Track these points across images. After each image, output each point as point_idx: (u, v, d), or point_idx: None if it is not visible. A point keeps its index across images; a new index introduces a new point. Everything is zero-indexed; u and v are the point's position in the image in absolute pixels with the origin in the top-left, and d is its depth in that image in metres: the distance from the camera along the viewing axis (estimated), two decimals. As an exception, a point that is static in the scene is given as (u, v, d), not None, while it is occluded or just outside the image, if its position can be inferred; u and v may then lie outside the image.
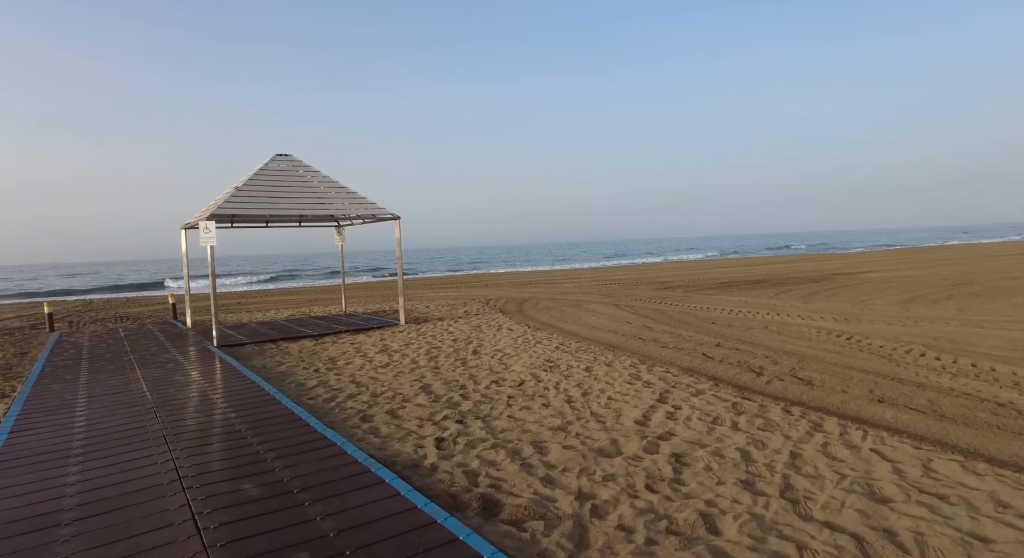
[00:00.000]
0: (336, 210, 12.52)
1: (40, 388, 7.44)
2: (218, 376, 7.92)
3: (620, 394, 6.25)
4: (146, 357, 9.72)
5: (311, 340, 11.35)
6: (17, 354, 10.74)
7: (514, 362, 8.24)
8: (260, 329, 12.85)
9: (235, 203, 11.41)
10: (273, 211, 11.85)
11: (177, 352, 10.16)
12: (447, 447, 4.88)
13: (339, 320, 13.91)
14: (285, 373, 8.23)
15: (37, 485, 4.24)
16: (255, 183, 12.10)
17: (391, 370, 8.10)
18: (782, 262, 38.29)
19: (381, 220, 13.38)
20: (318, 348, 10.35)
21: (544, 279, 30.64)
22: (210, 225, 10.63)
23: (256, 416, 5.85)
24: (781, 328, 10.50)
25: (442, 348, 9.69)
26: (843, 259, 38.49)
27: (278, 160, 12.95)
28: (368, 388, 7.11)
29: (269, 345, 10.91)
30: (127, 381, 7.77)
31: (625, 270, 37.84)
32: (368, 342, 10.72)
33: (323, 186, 12.84)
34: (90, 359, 9.65)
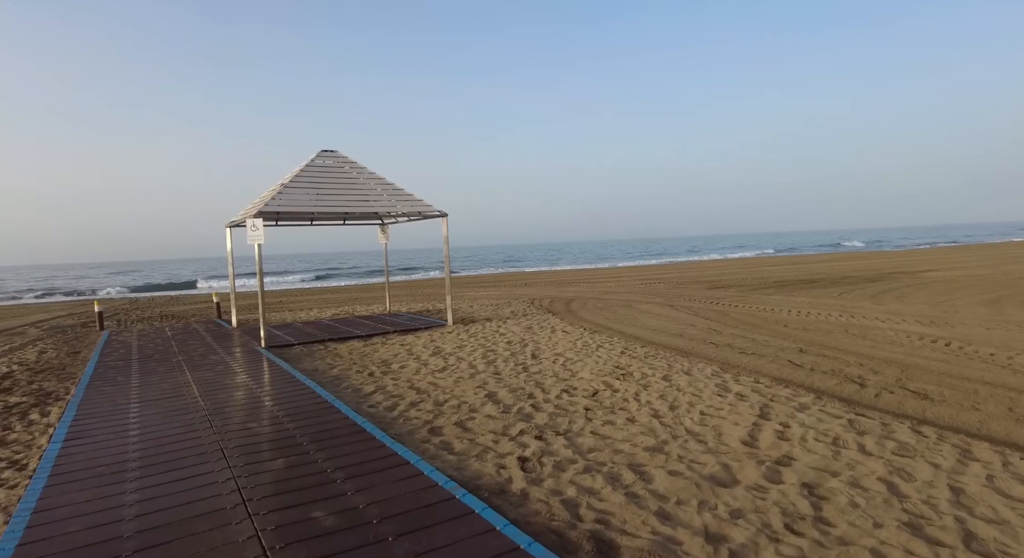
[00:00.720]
0: (382, 207, 12.13)
1: (93, 391, 7.20)
2: (270, 380, 7.56)
3: (713, 408, 5.62)
4: (194, 358, 9.47)
5: (359, 341, 10.99)
6: (70, 353, 10.66)
7: (580, 368, 7.66)
8: (306, 329, 12.57)
9: (281, 200, 11.12)
10: (319, 208, 11.52)
11: (225, 353, 9.90)
12: (533, 468, 4.34)
13: (385, 320, 13.56)
14: (339, 377, 7.83)
15: (93, 506, 3.86)
16: (301, 180, 11.80)
17: (450, 375, 7.62)
18: (831, 260, 36.69)
19: (427, 217, 12.95)
20: (368, 349, 9.96)
21: (584, 278, 29.94)
22: (257, 223, 10.35)
23: (317, 426, 5.42)
24: (863, 332, 9.65)
25: (497, 351, 9.18)
26: (895, 257, 36.67)
27: (324, 156, 12.64)
28: (430, 395, 6.63)
29: (317, 346, 10.58)
30: (178, 384, 7.47)
31: (666, 269, 36.81)
32: (418, 344, 10.29)
33: (369, 182, 12.48)
34: (140, 359, 9.46)
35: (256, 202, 12.62)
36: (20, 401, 7.03)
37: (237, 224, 12.94)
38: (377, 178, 12.65)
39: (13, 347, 11.93)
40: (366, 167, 12.78)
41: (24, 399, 7.11)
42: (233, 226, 13.32)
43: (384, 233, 15.25)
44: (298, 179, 11.77)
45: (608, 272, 35.98)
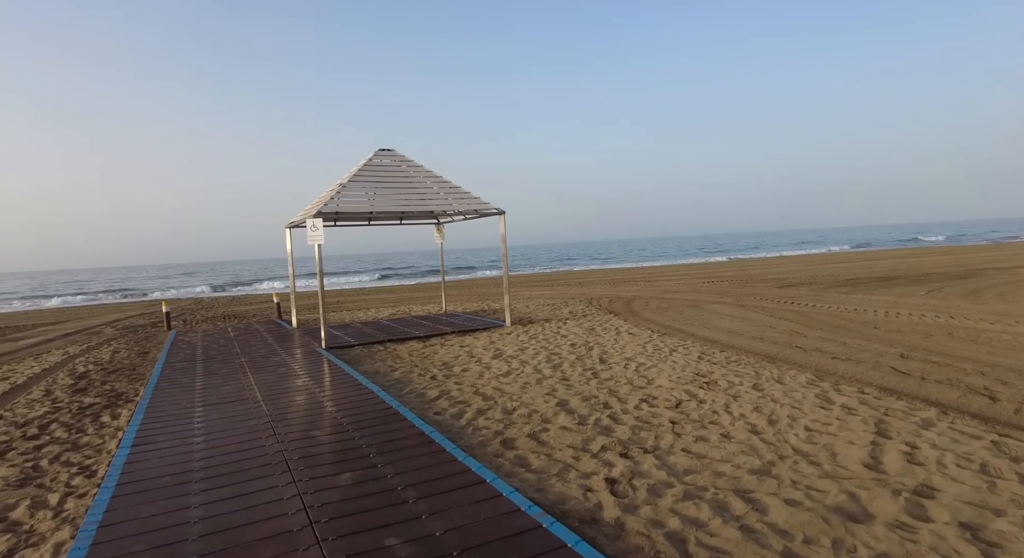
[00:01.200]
0: (439, 205, 11.87)
1: (159, 393, 7.18)
2: (332, 383, 7.36)
3: (820, 423, 4.98)
4: (256, 359, 9.45)
5: (418, 342, 10.76)
6: (140, 353, 10.89)
7: (656, 375, 7.10)
8: (365, 330, 12.47)
9: (340, 201, 11.01)
10: (376, 208, 11.36)
11: (286, 354, 9.85)
12: (625, 492, 3.86)
13: (441, 320, 13.33)
14: (401, 380, 7.56)
15: (158, 522, 3.64)
16: (359, 180, 11.68)
17: (515, 380, 7.21)
18: (907, 256, 34.31)
19: (485, 215, 12.61)
20: (427, 351, 9.70)
21: (639, 276, 29.05)
22: (317, 223, 10.26)
23: (383, 436, 5.11)
24: (972, 335, 8.65)
25: (562, 354, 8.71)
26: (980, 252, 33.92)
27: (381, 155, 12.50)
28: (496, 402, 6.24)
29: (377, 347, 10.42)
30: (240, 387, 7.38)
31: (727, 266, 35.36)
32: (478, 345, 9.95)
33: (426, 181, 12.25)
34: (204, 360, 9.51)
35: (315, 203, 12.61)
36: (94, 402, 7.08)
37: (297, 225, 12.98)
38: (434, 176, 12.41)
39: (91, 346, 12.34)
40: (423, 165, 12.57)
41: (97, 400, 7.16)
42: (293, 227, 13.39)
43: (440, 232, 15.04)
44: (356, 179, 11.65)
45: (665, 270, 34.87)
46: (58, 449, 5.36)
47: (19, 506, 4.16)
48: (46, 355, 11.48)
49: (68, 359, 10.72)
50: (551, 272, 42.33)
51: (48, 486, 4.49)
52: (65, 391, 7.80)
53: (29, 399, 7.46)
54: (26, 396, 7.64)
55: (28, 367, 10.10)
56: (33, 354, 11.80)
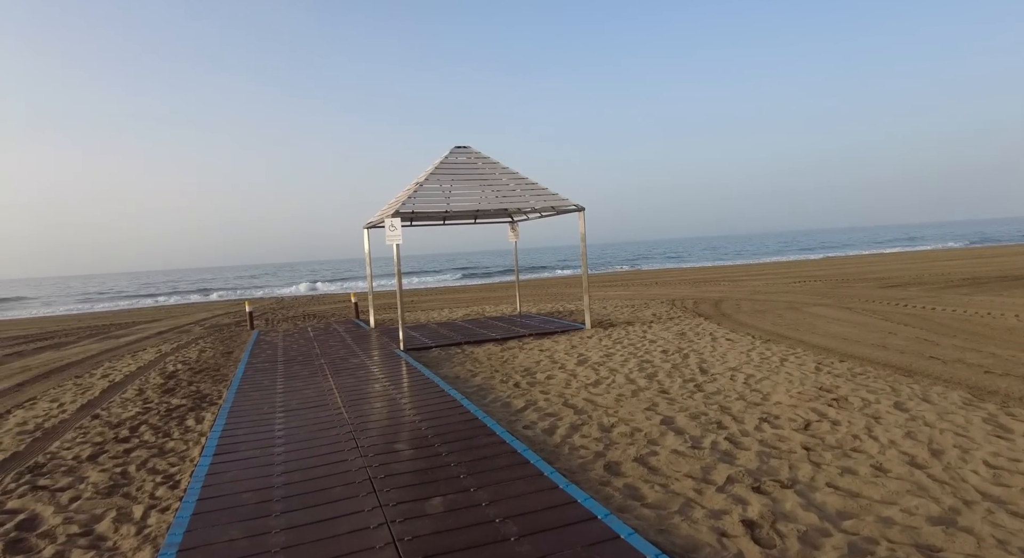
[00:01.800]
0: (516, 203, 11.39)
1: (241, 397, 7.08)
2: (413, 389, 7.02)
3: (1005, 459, 4.06)
4: (336, 361, 9.32)
5: (495, 344, 10.33)
6: (224, 353, 11.08)
7: (770, 389, 6.28)
8: (441, 331, 12.20)
9: (417, 200, 10.75)
10: (453, 206, 11.03)
11: (365, 356, 9.67)
12: (771, 541, 3.18)
13: (516, 321, 12.87)
14: (483, 387, 7.11)
15: (239, 548, 3.32)
16: (435, 178, 11.39)
17: (607, 391, 6.59)
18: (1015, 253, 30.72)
19: (562, 212, 12.02)
20: (506, 354, 9.24)
21: (721, 275, 27.53)
22: (395, 222, 10.03)
23: (471, 452, 4.65)
24: None
25: (654, 362, 8.00)
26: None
27: (457, 153, 12.18)
28: (591, 416, 5.65)
29: (454, 349, 10.08)
30: (321, 391, 7.17)
31: (818, 264, 32.98)
32: (559, 349, 9.39)
33: (503, 178, 11.81)
34: (284, 361, 9.48)
35: (392, 202, 12.47)
36: (180, 403, 7.08)
37: (374, 225, 12.90)
38: (510, 173, 11.96)
39: (180, 345, 12.77)
40: (499, 162, 12.14)
41: (183, 402, 7.16)
42: (370, 227, 13.33)
43: (514, 231, 14.60)
44: (432, 177, 11.38)
45: (748, 269, 32.98)
46: (145, 454, 5.26)
47: (105, 518, 3.99)
48: (142, 353, 11.94)
49: (160, 357, 11.06)
50: (624, 271, 41.14)
51: (134, 496, 4.33)
52: (155, 391, 7.90)
53: (124, 398, 7.58)
54: (121, 395, 7.79)
55: (126, 364, 10.47)
56: (131, 351, 12.32)
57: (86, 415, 6.83)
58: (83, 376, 9.59)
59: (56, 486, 4.59)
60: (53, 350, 13.66)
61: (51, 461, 5.19)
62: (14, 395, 8.40)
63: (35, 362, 11.78)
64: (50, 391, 8.48)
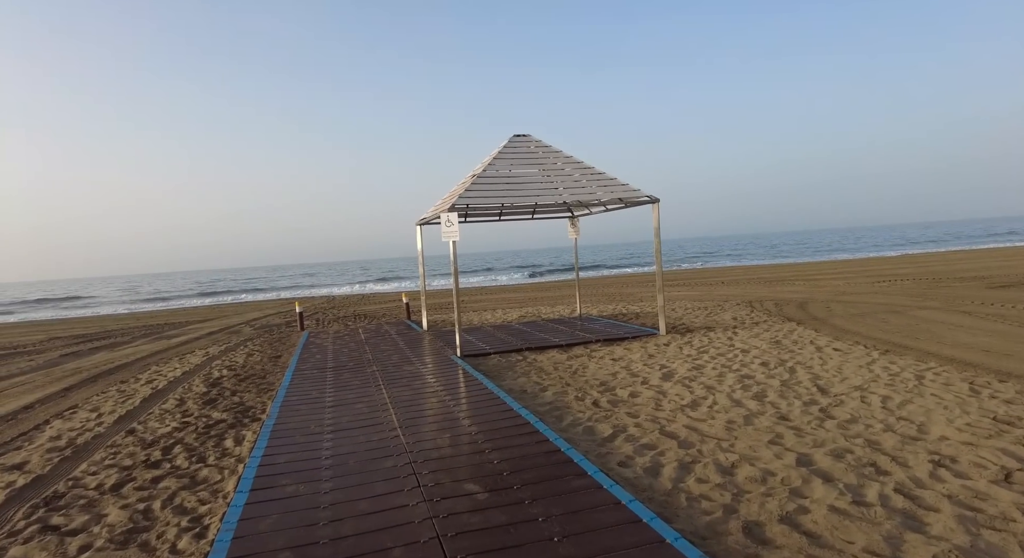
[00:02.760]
0: (581, 195, 10.33)
1: (287, 412, 6.32)
2: (477, 405, 6.09)
3: None
4: (388, 368, 8.52)
5: (559, 351, 9.33)
6: (272, 357, 10.49)
7: (923, 417, 5.03)
8: (498, 334, 11.29)
9: (474, 193, 9.85)
10: (512, 199, 10.07)
11: (419, 363, 8.85)
12: None
13: (578, 325, 11.81)
14: (556, 406, 6.12)
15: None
16: (493, 170, 10.47)
17: (712, 416, 5.48)
18: None
19: (633, 204, 10.88)
20: (574, 364, 8.22)
21: (792, 274, 25.63)
22: (452, 218, 9.16)
23: (563, 502, 3.65)
24: None
25: (756, 377, 6.81)
26: None
27: (516, 142, 11.23)
28: (701, 451, 4.57)
29: (514, 356, 9.14)
30: (374, 406, 6.34)
31: (895, 262, 30.45)
32: (634, 359, 8.30)
33: (566, 168, 10.78)
34: (334, 368, 8.75)
35: (447, 197, 11.64)
36: (221, 418, 6.39)
37: (428, 221, 12.11)
38: (574, 162, 10.91)
39: (229, 347, 12.32)
40: (562, 151, 11.12)
41: (224, 416, 6.46)
42: (423, 224, 12.56)
43: (574, 227, 13.54)
44: (490, 169, 10.46)
45: (820, 267, 30.79)
46: (175, 485, 4.52)
47: (114, 578, 3.21)
48: (189, 356, 11.53)
49: (207, 361, 10.58)
50: (685, 270, 39.35)
51: (152, 547, 3.54)
52: (196, 401, 7.27)
53: (163, 409, 6.98)
54: (161, 406, 7.20)
55: (171, 369, 10.01)
56: (179, 354, 11.95)
57: (121, 429, 6.22)
58: (128, 381, 9.14)
59: (69, 527, 3.87)
60: (107, 351, 13.50)
61: (71, 490, 4.52)
62: (58, 402, 7.97)
63: (87, 363, 11.54)
64: (93, 398, 8.01)
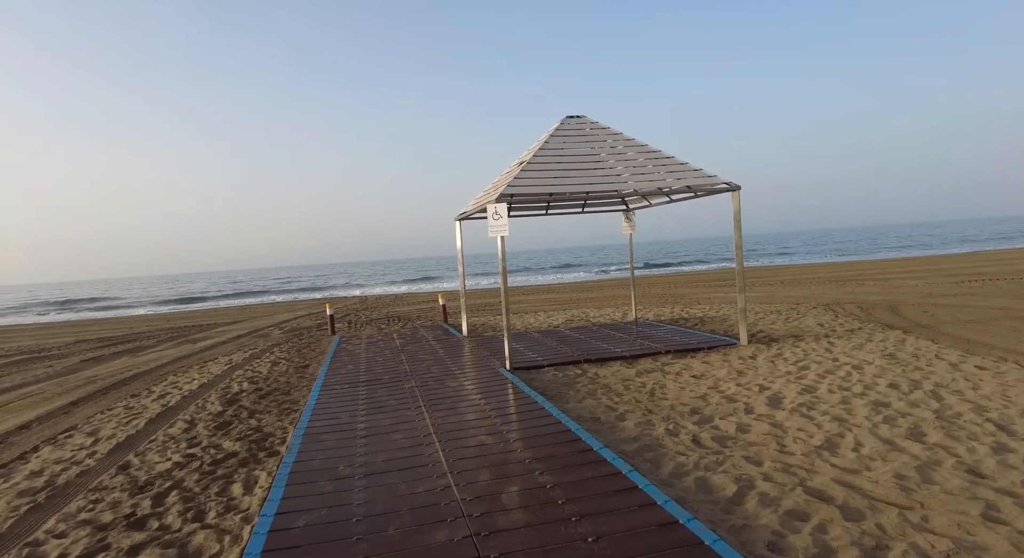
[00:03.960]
0: (647, 182, 8.94)
1: (310, 444, 5.16)
2: (542, 439, 4.82)
3: None
4: (429, 383, 7.34)
5: (624, 364, 8.01)
6: (300, 367, 9.43)
7: None
8: (547, 341, 10.01)
9: (524, 181, 8.58)
10: (567, 187, 8.75)
11: (463, 377, 7.64)
12: None
13: (634, 330, 10.43)
14: (643, 442, 4.81)
15: None
16: (544, 155, 9.16)
17: (869, 466, 4.09)
18: None
19: (711, 193, 9.43)
20: (647, 381, 6.89)
21: (856, 273, 23.68)
22: (501, 209, 7.91)
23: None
24: None
25: (894, 405, 5.37)
26: None
27: (569, 123, 9.92)
28: (883, 528, 3.20)
29: (572, 369, 7.86)
30: (415, 437, 5.14)
31: (967, 260, 28.04)
32: (720, 376, 6.93)
33: (628, 151, 9.42)
34: (367, 383, 7.61)
35: (489, 189, 10.41)
36: (232, 451, 5.27)
37: (468, 216, 10.91)
38: (638, 145, 9.54)
39: (254, 353, 11.36)
40: (622, 132, 9.76)
41: (237, 447, 5.35)
42: (463, 219, 11.36)
43: (629, 221, 12.13)
44: (541, 154, 9.16)
45: (882, 266, 28.62)
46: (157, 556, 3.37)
47: None
48: (211, 363, 10.59)
49: (229, 370, 9.58)
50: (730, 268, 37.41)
51: None
52: (208, 425, 6.19)
53: (168, 435, 5.92)
54: (167, 429, 6.15)
55: (188, 380, 9.03)
56: (201, 361, 11.03)
57: (114, 463, 5.16)
58: (140, 395, 8.18)
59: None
60: (129, 355, 12.72)
61: (24, 564, 3.41)
62: (58, 421, 7.02)
63: (105, 371, 10.71)
64: (96, 417, 7.03)
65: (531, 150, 9.72)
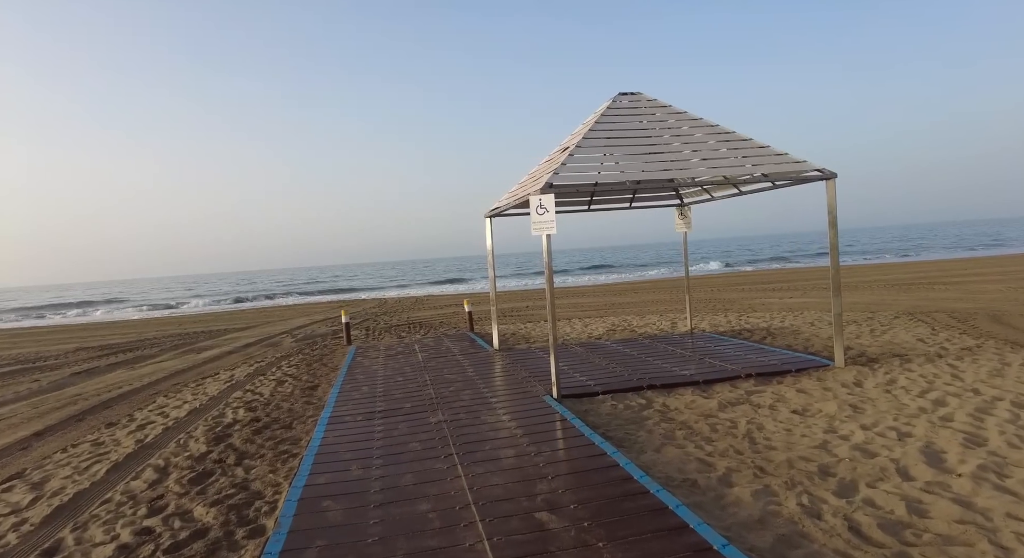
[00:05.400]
0: (725, 168, 7.40)
1: (309, 517, 3.76)
2: (624, 515, 3.36)
3: None
4: (460, 416, 5.94)
5: (698, 392, 6.52)
6: (307, 388, 8.10)
7: None
8: (592, 358, 8.53)
9: (575, 167, 7.11)
10: (622, 176, 7.26)
11: (502, 408, 6.21)
12: None
13: (690, 344, 8.89)
14: (771, 527, 3.32)
15: None
16: (594, 138, 7.68)
17: None
18: None
19: (801, 182, 7.83)
20: (736, 418, 5.40)
21: (924, 276, 21.74)
22: (547, 201, 6.46)
23: None
24: None
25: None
26: None
27: (622, 101, 8.43)
28: None
29: (635, 399, 6.39)
30: (449, 510, 3.72)
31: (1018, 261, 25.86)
32: (829, 412, 5.40)
33: (697, 134, 7.89)
34: (385, 414, 6.23)
35: (526, 181, 8.98)
36: (203, 525, 3.90)
37: (500, 212, 9.48)
38: (707, 126, 8.02)
39: (260, 368, 10.08)
40: (686, 111, 8.24)
41: (210, 519, 3.98)
42: (494, 215, 9.93)
43: (684, 218, 10.61)
44: (591, 137, 7.68)
45: (945, 267, 26.52)
46: None
47: None
48: (211, 380, 9.32)
49: (227, 391, 8.29)
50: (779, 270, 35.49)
51: None
52: (183, 476, 4.85)
53: (128, 493, 4.59)
54: (129, 482, 4.82)
55: (179, 403, 7.76)
56: (200, 377, 9.78)
57: (37, 546, 3.82)
58: (118, 423, 6.92)
59: None
60: (126, 368, 11.55)
61: None
62: (7, 462, 5.75)
63: (92, 387, 9.51)
64: (54, 457, 5.75)
65: (576, 134, 8.26)
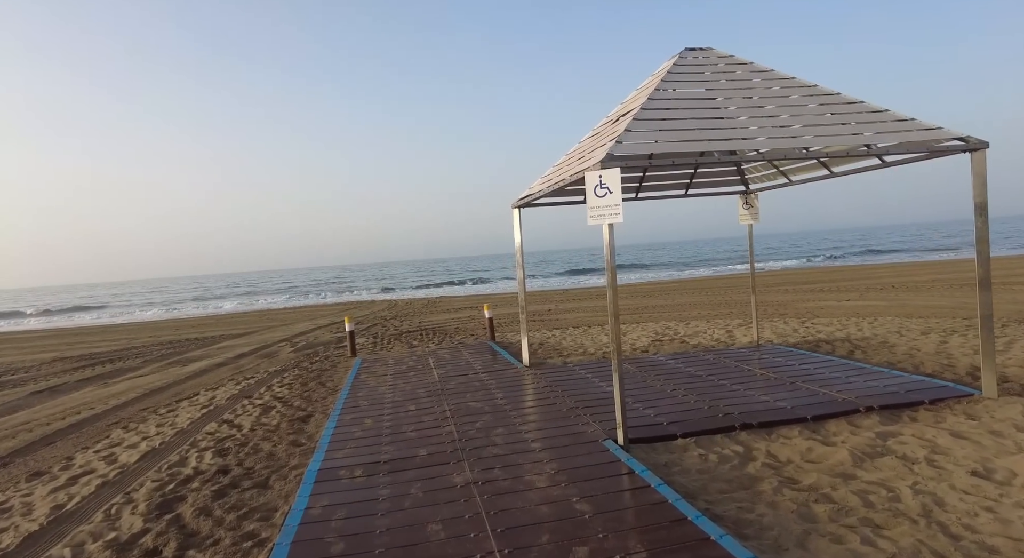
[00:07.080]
0: (834, 136, 5.66)
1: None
2: None
3: None
4: (495, 474, 4.28)
5: (809, 434, 4.82)
6: (298, 421, 6.47)
7: None
8: (650, 380, 6.84)
9: (640, 134, 5.40)
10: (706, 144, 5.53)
11: (548, 459, 4.54)
12: None
13: (768, 361, 7.16)
14: None
15: None
16: (659, 102, 5.96)
17: None
18: None
19: (936, 155, 6.04)
20: (889, 479, 3.73)
21: (959, 276, 19.77)
22: (610, 178, 4.78)
23: None
24: None
25: None
26: None
27: (690, 58, 6.73)
28: None
29: (727, 444, 4.70)
30: None
31: None
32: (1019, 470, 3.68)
33: (793, 95, 6.15)
34: (393, 468, 4.58)
35: (563, 162, 7.31)
36: None
37: (530, 201, 7.82)
38: (803, 86, 6.29)
39: (246, 389, 8.50)
40: (774, 69, 6.52)
41: None
42: (523, 205, 8.26)
43: (750, 208, 8.87)
44: (654, 101, 5.96)
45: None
46: None
47: None
48: (186, 404, 7.76)
49: (201, 421, 6.72)
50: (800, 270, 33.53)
51: None
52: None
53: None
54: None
55: (136, 440, 6.19)
56: (175, 398, 8.22)
57: None
58: (51, 469, 5.35)
59: None
60: (98, 384, 10.04)
61: None
62: None
63: (46, 413, 7.99)
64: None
65: (632, 97, 6.58)
